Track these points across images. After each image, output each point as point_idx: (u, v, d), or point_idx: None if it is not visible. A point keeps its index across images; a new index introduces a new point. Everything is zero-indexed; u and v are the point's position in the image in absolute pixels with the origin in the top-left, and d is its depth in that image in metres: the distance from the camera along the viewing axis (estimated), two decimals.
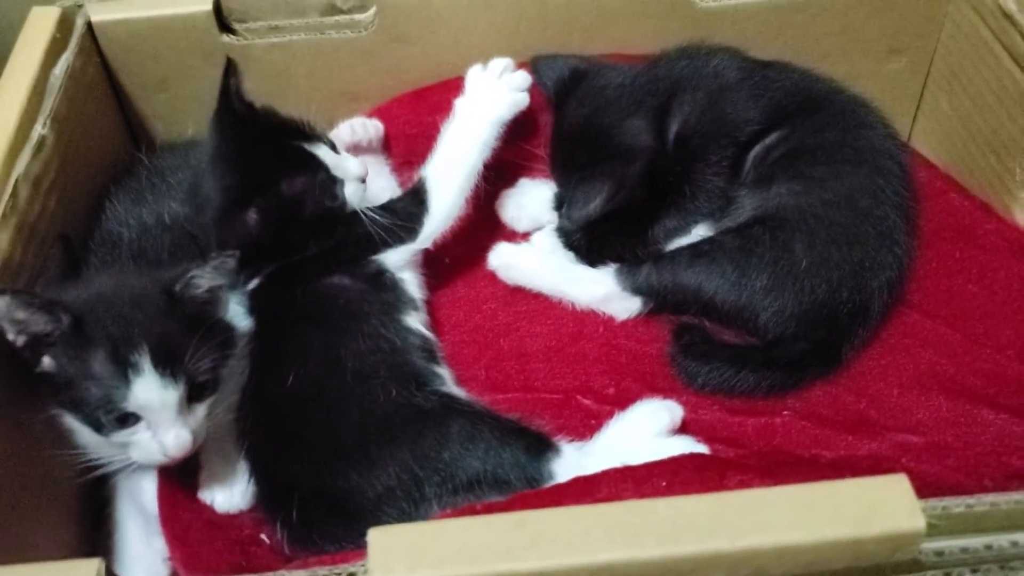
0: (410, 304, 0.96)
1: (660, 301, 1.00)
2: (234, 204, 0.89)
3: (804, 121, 1.01)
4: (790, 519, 0.58)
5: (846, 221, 0.96)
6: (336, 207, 0.93)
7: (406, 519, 0.81)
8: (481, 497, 0.82)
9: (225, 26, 1.09)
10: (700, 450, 0.87)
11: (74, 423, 0.82)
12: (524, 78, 1.02)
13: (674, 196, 1.02)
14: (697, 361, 0.96)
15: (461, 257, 1.08)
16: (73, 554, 0.84)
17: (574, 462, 0.84)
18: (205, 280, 0.83)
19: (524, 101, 1.02)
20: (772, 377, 0.94)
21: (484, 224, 1.09)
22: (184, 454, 0.81)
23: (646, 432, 0.89)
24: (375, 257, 0.95)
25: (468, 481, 0.82)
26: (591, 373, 0.98)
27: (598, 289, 1.02)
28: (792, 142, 1.00)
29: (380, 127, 1.13)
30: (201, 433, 0.83)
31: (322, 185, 0.92)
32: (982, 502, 0.60)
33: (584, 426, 0.92)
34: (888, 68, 1.16)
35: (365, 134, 1.11)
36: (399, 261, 0.97)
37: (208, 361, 0.81)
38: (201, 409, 0.83)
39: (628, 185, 0.97)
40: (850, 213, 0.96)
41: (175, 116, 1.14)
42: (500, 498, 0.81)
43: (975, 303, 0.99)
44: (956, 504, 0.60)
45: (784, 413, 0.93)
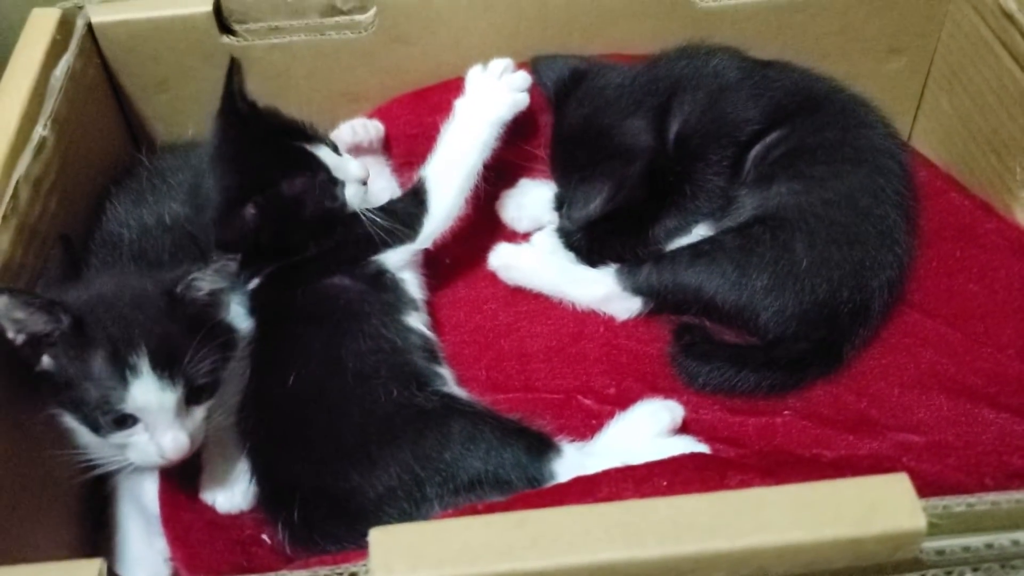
0: (411, 304, 0.96)
1: (661, 301, 1.00)
2: (233, 202, 0.89)
3: (804, 120, 1.01)
4: (791, 518, 0.58)
5: (846, 220, 0.96)
6: (336, 208, 0.94)
7: (407, 519, 0.81)
8: (482, 497, 0.82)
9: (225, 27, 1.09)
10: (701, 450, 0.87)
11: (73, 423, 0.82)
12: (524, 78, 1.02)
13: (674, 196, 1.02)
14: (698, 361, 0.96)
15: (462, 257, 1.08)
16: (74, 554, 0.84)
17: (575, 462, 0.84)
18: (206, 283, 0.83)
19: (524, 101, 1.02)
20: (773, 377, 0.94)
21: (484, 224, 1.09)
22: (181, 457, 0.81)
23: (647, 432, 0.89)
24: (375, 257, 0.95)
25: (469, 481, 0.82)
26: (592, 373, 0.98)
27: (599, 289, 1.02)
28: (792, 141, 1.00)
29: (380, 128, 1.13)
30: (199, 436, 0.83)
31: (322, 186, 0.92)
32: (983, 501, 0.60)
33: (585, 426, 0.92)
34: (888, 67, 1.16)
35: (366, 135, 1.11)
36: (399, 261, 0.97)
37: (208, 364, 0.81)
38: (199, 412, 0.83)
39: (628, 185, 0.97)
40: (850, 212, 0.96)
41: (175, 117, 1.14)
42: (501, 498, 0.81)
43: (976, 302, 0.99)
44: (957, 503, 0.60)
45: (785, 413, 0.93)
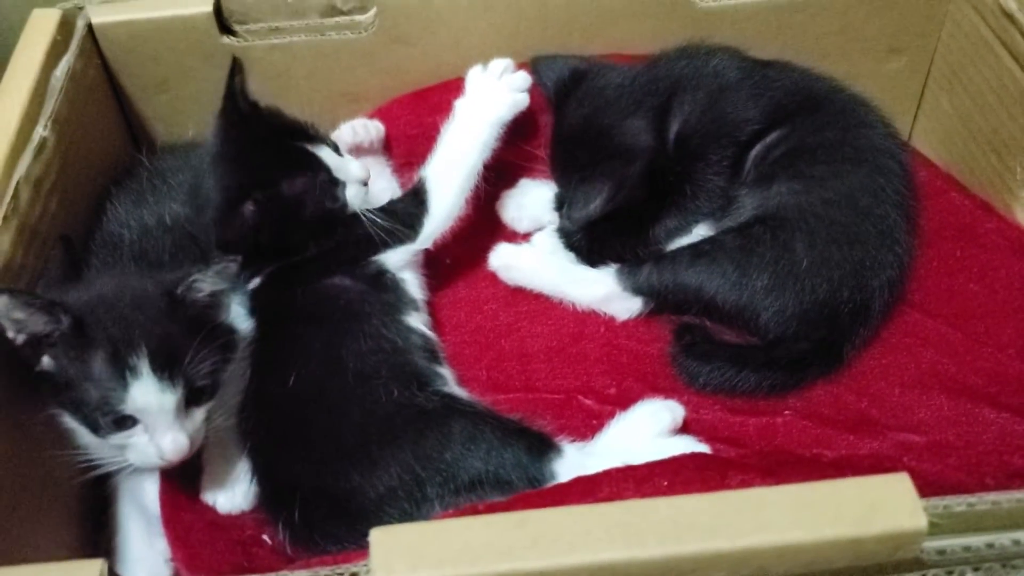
0: (411, 304, 0.96)
1: (661, 301, 1.00)
2: (234, 202, 0.88)
3: (804, 120, 1.01)
4: (791, 518, 0.58)
5: (847, 220, 0.96)
6: (336, 209, 0.93)
7: (408, 519, 0.81)
8: (483, 497, 0.82)
9: (225, 28, 1.09)
10: (701, 450, 0.87)
11: (73, 423, 0.82)
12: (524, 79, 1.02)
13: (675, 196, 1.02)
14: (698, 361, 0.96)
15: (462, 258, 1.08)
16: (75, 555, 0.84)
17: (576, 462, 0.84)
18: (207, 284, 0.83)
19: (524, 102, 1.02)
20: (773, 377, 0.94)
21: (485, 225, 1.09)
22: (181, 458, 0.81)
23: (647, 432, 0.89)
24: (375, 258, 0.95)
25: (470, 481, 0.82)
26: (592, 373, 0.98)
27: (599, 289, 1.02)
28: (792, 141, 1.00)
29: (381, 128, 1.13)
30: (199, 437, 0.83)
31: (323, 186, 0.92)
32: (984, 501, 0.60)
33: (585, 426, 0.92)
34: (888, 67, 1.16)
35: (366, 135, 1.11)
36: (399, 261, 0.97)
37: (208, 365, 0.81)
38: (199, 413, 0.83)
39: (628, 185, 0.97)
40: (851, 212, 0.96)
41: (176, 117, 1.14)
42: (502, 498, 0.81)
43: (976, 302, 0.99)
44: (958, 503, 0.60)
45: (785, 413, 0.93)
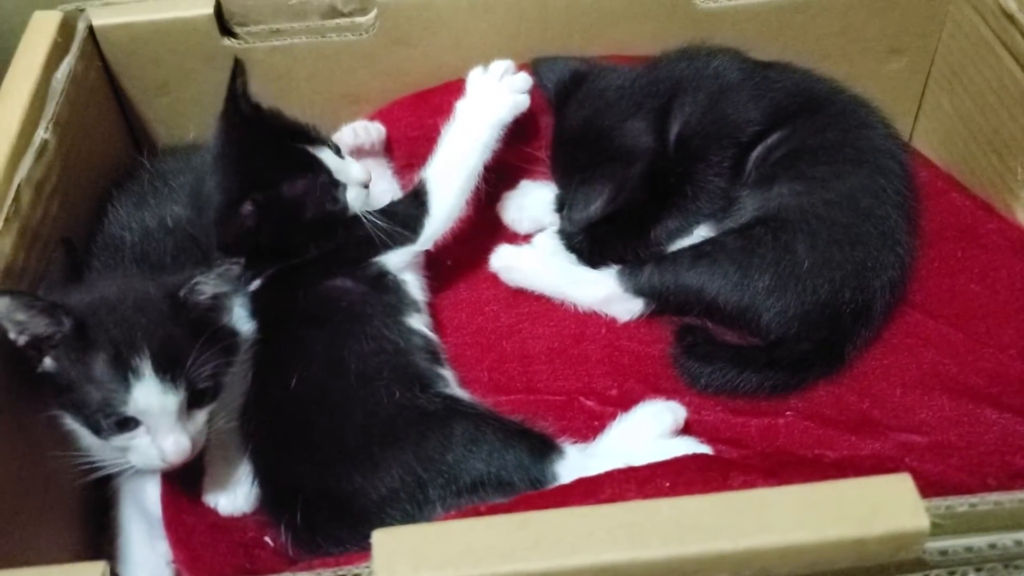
0: (412, 306, 0.96)
1: (662, 302, 1.00)
2: (234, 203, 0.88)
3: (805, 121, 1.01)
4: (794, 519, 0.58)
5: (848, 221, 0.96)
6: (337, 210, 0.93)
7: (410, 521, 0.81)
8: (485, 499, 0.82)
9: (226, 30, 1.09)
10: (703, 451, 0.87)
11: (75, 425, 0.82)
12: (525, 80, 1.03)
13: (675, 197, 1.02)
14: (700, 362, 0.96)
15: (463, 259, 1.08)
16: (77, 557, 0.84)
17: (577, 463, 0.84)
18: (209, 286, 0.83)
19: (525, 103, 1.02)
20: (775, 378, 0.94)
21: (486, 226, 1.09)
22: (183, 460, 0.81)
23: (649, 433, 0.89)
24: (376, 259, 0.95)
25: (472, 483, 0.82)
26: (594, 375, 0.98)
27: (600, 291, 1.02)
28: (793, 142, 1.00)
29: (382, 130, 1.13)
30: (201, 439, 0.83)
31: (323, 188, 0.92)
32: (986, 501, 0.60)
33: (587, 427, 0.92)
34: (889, 68, 1.16)
35: (367, 137, 1.11)
36: (400, 263, 0.97)
37: (210, 367, 0.81)
38: (201, 415, 0.83)
39: (629, 187, 0.97)
40: (852, 213, 0.96)
41: (177, 119, 1.14)
42: (504, 499, 0.81)
43: (977, 302, 0.99)
44: (960, 503, 0.60)
45: (787, 413, 0.93)
